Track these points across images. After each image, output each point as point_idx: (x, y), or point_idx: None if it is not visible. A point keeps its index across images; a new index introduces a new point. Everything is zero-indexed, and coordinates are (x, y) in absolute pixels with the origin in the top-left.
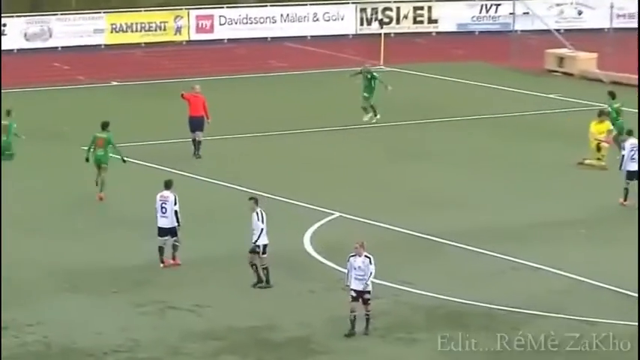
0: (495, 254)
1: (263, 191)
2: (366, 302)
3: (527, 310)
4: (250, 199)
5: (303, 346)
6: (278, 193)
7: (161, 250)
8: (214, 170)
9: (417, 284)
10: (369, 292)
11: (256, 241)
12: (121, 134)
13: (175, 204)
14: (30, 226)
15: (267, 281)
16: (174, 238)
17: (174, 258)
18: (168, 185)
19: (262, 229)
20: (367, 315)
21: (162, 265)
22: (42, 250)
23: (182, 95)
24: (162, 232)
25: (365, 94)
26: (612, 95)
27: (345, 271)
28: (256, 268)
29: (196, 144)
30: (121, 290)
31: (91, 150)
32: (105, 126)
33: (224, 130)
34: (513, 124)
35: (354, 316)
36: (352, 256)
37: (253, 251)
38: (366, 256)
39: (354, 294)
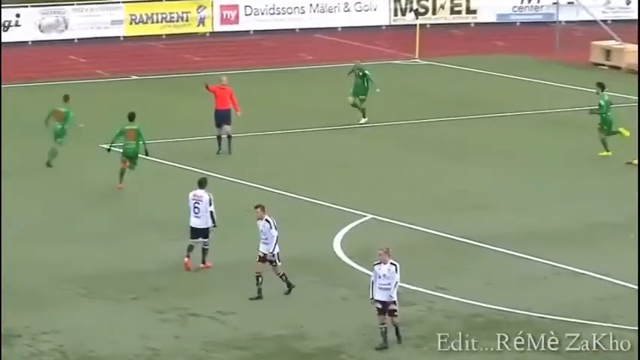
0: (536, 258)
1: (290, 191)
2: (392, 314)
3: (570, 319)
4: (257, 207)
5: (333, 356)
6: (306, 194)
7: (190, 248)
8: (239, 169)
9: (453, 290)
10: (394, 302)
11: (273, 250)
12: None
13: (210, 204)
14: (46, 228)
15: (289, 285)
16: (205, 241)
17: (203, 262)
18: (202, 184)
19: (277, 237)
20: (396, 326)
21: (185, 260)
22: (58, 255)
23: (207, 87)
24: (194, 232)
25: (361, 96)
26: (601, 87)
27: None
28: (261, 280)
29: (221, 140)
30: (140, 296)
31: (115, 142)
32: (132, 117)
33: (249, 126)
34: (557, 121)
35: (385, 329)
36: (377, 263)
37: (270, 261)
38: (392, 263)
39: (379, 306)
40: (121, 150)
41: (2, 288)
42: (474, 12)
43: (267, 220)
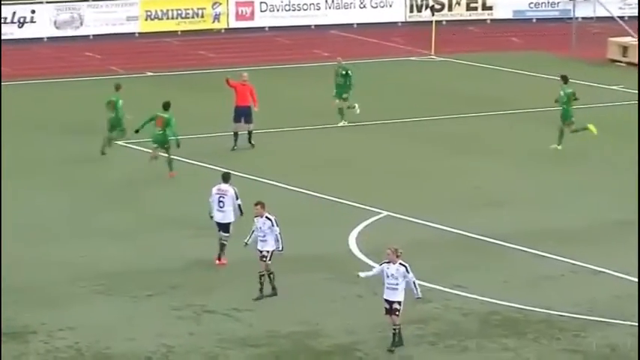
0: (552, 256)
1: (305, 189)
2: (394, 313)
3: (590, 317)
4: (257, 204)
5: (348, 353)
6: (321, 191)
7: (222, 246)
8: (253, 166)
9: (470, 288)
10: (399, 302)
11: (280, 246)
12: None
13: (237, 198)
14: (61, 225)
15: (274, 287)
16: (224, 235)
17: (219, 258)
18: (226, 178)
19: (280, 233)
20: (394, 329)
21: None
22: (75, 251)
23: (227, 81)
24: (219, 226)
25: (344, 95)
26: (564, 79)
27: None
28: (264, 280)
29: (237, 137)
30: (156, 293)
31: (144, 126)
32: (167, 106)
33: (264, 123)
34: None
35: (398, 329)
36: (385, 262)
37: (266, 259)
38: (401, 264)
39: (387, 305)
40: (152, 138)
41: (19, 285)
42: (490, 8)
43: (267, 217)
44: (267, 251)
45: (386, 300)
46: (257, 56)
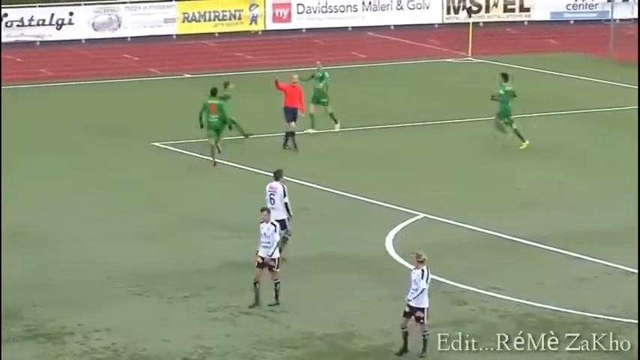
0: (587, 258)
1: (342, 190)
2: (418, 321)
3: (625, 319)
4: (263, 209)
5: (384, 355)
6: (358, 192)
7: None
8: (290, 167)
9: (506, 290)
10: (421, 309)
11: (273, 254)
12: (195, 130)
13: (285, 196)
14: (98, 226)
15: (277, 297)
16: (284, 231)
17: (280, 251)
18: (277, 176)
19: (278, 242)
20: (424, 335)
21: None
22: (111, 253)
23: (276, 83)
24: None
25: (322, 100)
26: (505, 77)
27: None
28: (259, 287)
29: (287, 136)
30: (193, 295)
31: (202, 118)
32: (214, 92)
33: (301, 125)
34: (611, 120)
35: (406, 333)
36: (413, 268)
37: (269, 266)
38: (423, 269)
39: (407, 309)
40: (208, 125)
41: (56, 286)
42: (528, 10)
43: (273, 223)
44: (274, 259)
45: (407, 304)
46: (294, 58)
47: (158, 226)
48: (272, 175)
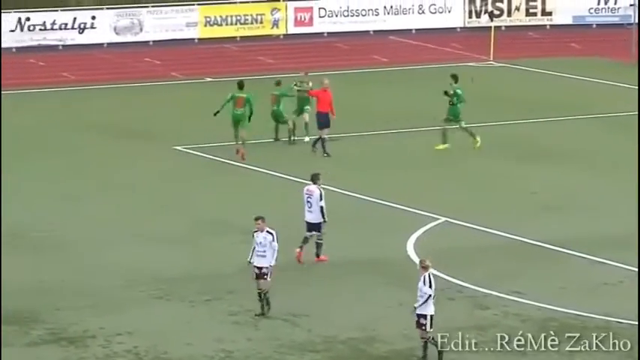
0: (610, 262)
1: (363, 194)
2: (420, 327)
3: None
4: (257, 218)
5: (406, 359)
6: (379, 196)
7: (304, 240)
8: (311, 171)
9: (528, 294)
10: (424, 316)
11: (272, 262)
12: (217, 133)
13: (321, 199)
14: (119, 229)
15: (263, 307)
16: (318, 235)
17: (318, 256)
18: (313, 179)
19: (278, 250)
20: (425, 341)
21: (297, 250)
22: (133, 257)
23: (309, 93)
24: (308, 227)
25: (306, 107)
26: (455, 78)
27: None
28: (264, 296)
29: (323, 142)
30: (214, 298)
31: (223, 107)
32: (242, 85)
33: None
34: (631, 124)
35: (425, 342)
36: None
37: (263, 274)
38: (424, 275)
39: (415, 318)
40: (231, 116)
41: (78, 290)
42: (550, 14)
43: (268, 232)
44: (267, 268)
45: (415, 313)
46: (315, 62)
47: (180, 230)
48: (307, 179)
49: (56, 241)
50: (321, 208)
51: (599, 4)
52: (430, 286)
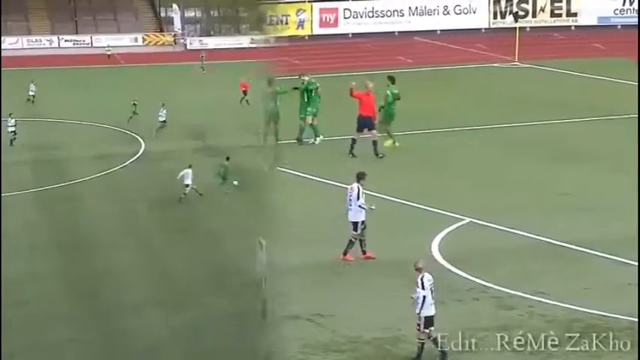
0: (635, 263)
1: (388, 194)
2: (417, 328)
3: None
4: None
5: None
6: (404, 197)
7: (361, 242)
8: (335, 171)
9: (553, 295)
10: (418, 316)
11: None
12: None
13: (359, 198)
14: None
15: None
16: (352, 234)
17: (345, 253)
18: (358, 177)
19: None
20: (419, 342)
21: (362, 256)
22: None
23: (351, 92)
24: (351, 224)
25: (311, 109)
26: (392, 80)
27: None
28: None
29: (355, 143)
30: None
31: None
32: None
33: (348, 129)
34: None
35: (434, 340)
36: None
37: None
38: (419, 277)
39: (417, 321)
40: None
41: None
42: (575, 15)
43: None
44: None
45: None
46: (340, 62)
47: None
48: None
49: None
50: (360, 206)
51: (624, 5)
52: (423, 288)
